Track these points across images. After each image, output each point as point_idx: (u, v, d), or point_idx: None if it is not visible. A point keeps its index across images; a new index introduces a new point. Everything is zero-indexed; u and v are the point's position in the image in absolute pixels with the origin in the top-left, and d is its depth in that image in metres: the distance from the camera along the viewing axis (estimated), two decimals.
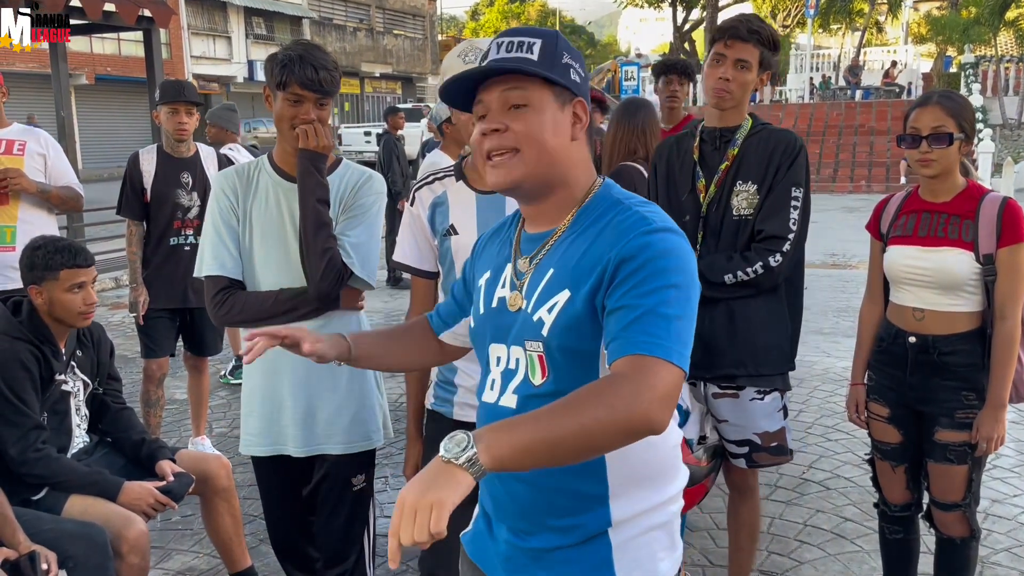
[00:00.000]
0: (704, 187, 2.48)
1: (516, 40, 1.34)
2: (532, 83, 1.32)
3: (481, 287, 1.48)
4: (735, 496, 2.74)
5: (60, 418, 2.63)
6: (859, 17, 31.89)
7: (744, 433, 2.50)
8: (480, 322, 1.46)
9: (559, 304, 1.31)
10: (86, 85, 25.85)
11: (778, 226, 2.38)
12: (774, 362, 2.47)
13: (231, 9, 31.45)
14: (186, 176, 4.04)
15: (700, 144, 2.53)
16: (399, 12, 40.90)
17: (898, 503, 2.63)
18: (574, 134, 1.37)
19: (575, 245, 1.34)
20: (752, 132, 2.47)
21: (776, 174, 2.40)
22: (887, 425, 2.57)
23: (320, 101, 2.17)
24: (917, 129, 2.37)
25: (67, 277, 2.53)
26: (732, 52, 2.39)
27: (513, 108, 1.32)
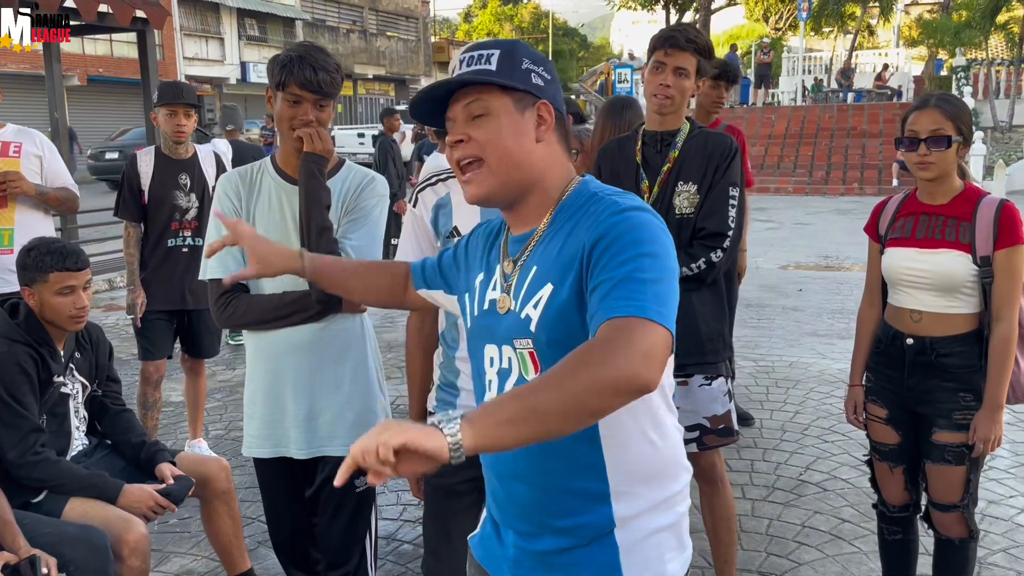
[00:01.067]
0: (648, 188, 2.62)
1: (476, 53, 1.40)
2: (490, 92, 1.36)
3: (476, 288, 1.50)
4: (706, 489, 2.80)
5: (59, 420, 2.62)
6: (851, 20, 32.03)
7: (695, 418, 2.63)
8: (474, 324, 1.48)
9: (543, 298, 1.33)
10: (78, 86, 25.76)
11: (718, 224, 2.52)
12: (718, 349, 2.63)
13: (224, 10, 31.39)
14: (184, 177, 4.04)
15: (642, 147, 2.66)
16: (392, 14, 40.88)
17: (897, 504, 2.65)
18: (539, 136, 1.39)
19: (554, 241, 1.37)
20: (691, 135, 2.62)
21: (715, 175, 2.55)
22: (885, 426, 2.58)
23: (320, 102, 2.17)
24: (915, 132, 2.39)
25: (56, 280, 2.51)
26: (671, 60, 2.54)
27: (475, 119, 1.37)
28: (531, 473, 1.36)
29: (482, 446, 1.08)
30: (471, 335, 1.50)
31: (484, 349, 1.45)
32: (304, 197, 2.19)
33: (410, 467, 1.07)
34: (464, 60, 1.40)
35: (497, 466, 1.43)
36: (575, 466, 1.34)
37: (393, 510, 3.74)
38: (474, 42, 1.46)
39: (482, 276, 1.49)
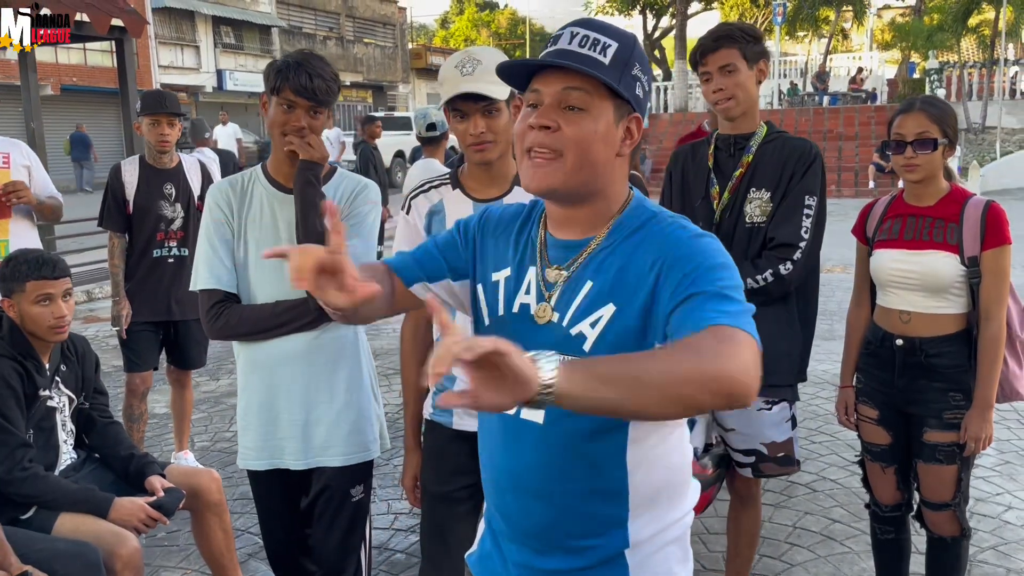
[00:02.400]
0: (718, 194, 2.49)
1: (593, 36, 1.26)
2: (596, 88, 1.25)
3: (499, 284, 1.40)
4: (736, 503, 2.75)
5: (46, 434, 2.58)
6: (825, 24, 32.38)
7: (751, 443, 2.51)
8: (497, 325, 1.38)
9: (604, 318, 1.27)
10: (51, 96, 25.46)
11: (789, 234, 2.37)
12: (783, 372, 2.46)
13: (199, 18, 31.17)
14: (169, 187, 4.00)
15: (715, 151, 2.53)
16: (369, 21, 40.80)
17: (889, 504, 2.67)
18: (621, 150, 1.31)
19: (613, 258, 1.30)
20: (767, 139, 2.47)
21: (790, 182, 2.40)
22: (876, 427, 2.60)
23: (313, 109, 2.15)
24: (902, 135, 2.41)
25: (33, 289, 2.48)
26: (711, 64, 2.41)
27: (568, 109, 1.25)
28: (553, 493, 1.33)
29: (573, 394, 0.99)
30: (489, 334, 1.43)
31: None
32: (300, 204, 2.17)
33: (490, 396, 0.95)
34: (578, 36, 1.27)
35: (515, 480, 1.37)
36: (599, 491, 1.31)
37: (385, 519, 3.72)
38: (591, 19, 1.34)
39: (508, 273, 1.40)
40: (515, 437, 1.35)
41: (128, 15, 7.12)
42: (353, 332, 2.34)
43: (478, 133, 1.98)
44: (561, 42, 1.27)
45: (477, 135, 1.98)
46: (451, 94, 1.96)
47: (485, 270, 1.44)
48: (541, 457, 1.32)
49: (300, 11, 36.66)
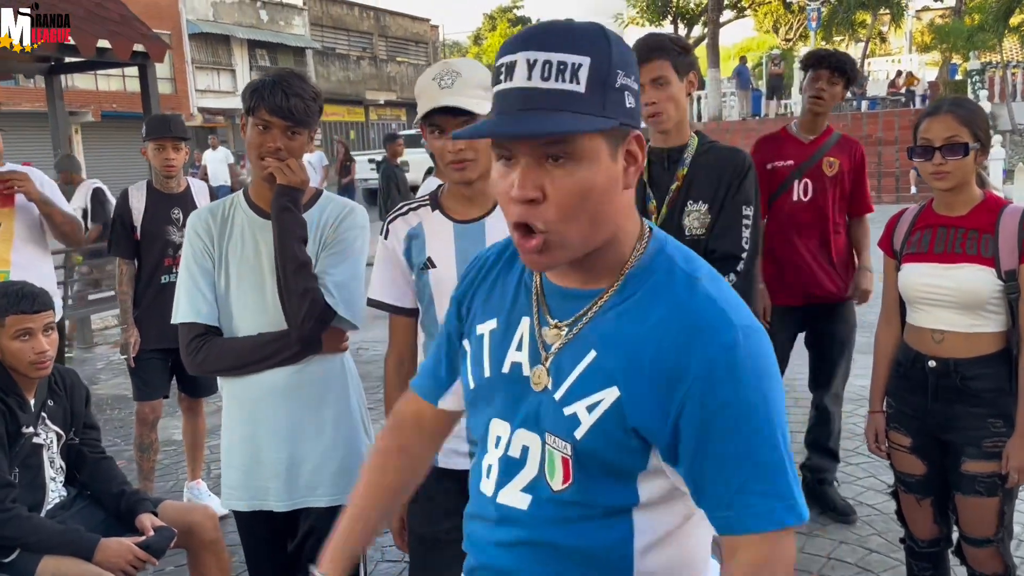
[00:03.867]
0: (655, 208, 2.48)
1: (556, 60, 0.98)
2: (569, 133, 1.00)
3: (484, 338, 1.18)
4: None
5: (33, 473, 2.49)
6: (862, 28, 31.84)
7: None
8: (484, 387, 1.18)
9: (604, 404, 1.04)
10: (92, 122, 26.01)
11: (731, 245, 2.39)
12: None
13: (234, 42, 31.68)
14: (176, 212, 3.93)
15: (649, 165, 2.51)
16: (402, 40, 41.14)
17: (926, 539, 2.46)
18: (627, 181, 1.05)
19: (624, 321, 1.05)
20: (700, 151, 2.47)
21: (727, 193, 2.40)
22: (910, 455, 2.40)
23: (290, 130, 2.04)
24: (929, 140, 2.23)
25: (12, 323, 2.40)
26: (643, 76, 2.37)
27: (553, 159, 1.00)
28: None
29: None
30: (473, 402, 1.21)
31: (491, 423, 1.16)
32: (277, 232, 2.06)
33: None
34: (537, 67, 0.99)
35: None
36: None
37: (374, 555, 3.58)
38: (550, 27, 1.02)
39: (494, 324, 1.18)
40: (492, 521, 1.17)
41: (150, 40, 7.14)
42: (340, 364, 2.22)
43: (457, 150, 1.84)
44: (517, 76, 1.00)
45: (456, 152, 1.84)
46: (428, 108, 1.83)
47: (472, 324, 1.23)
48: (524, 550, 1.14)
49: (334, 32, 37.12)
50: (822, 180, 3.46)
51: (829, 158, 3.49)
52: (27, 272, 3.53)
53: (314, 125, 2.11)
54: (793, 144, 3.53)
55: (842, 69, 3.42)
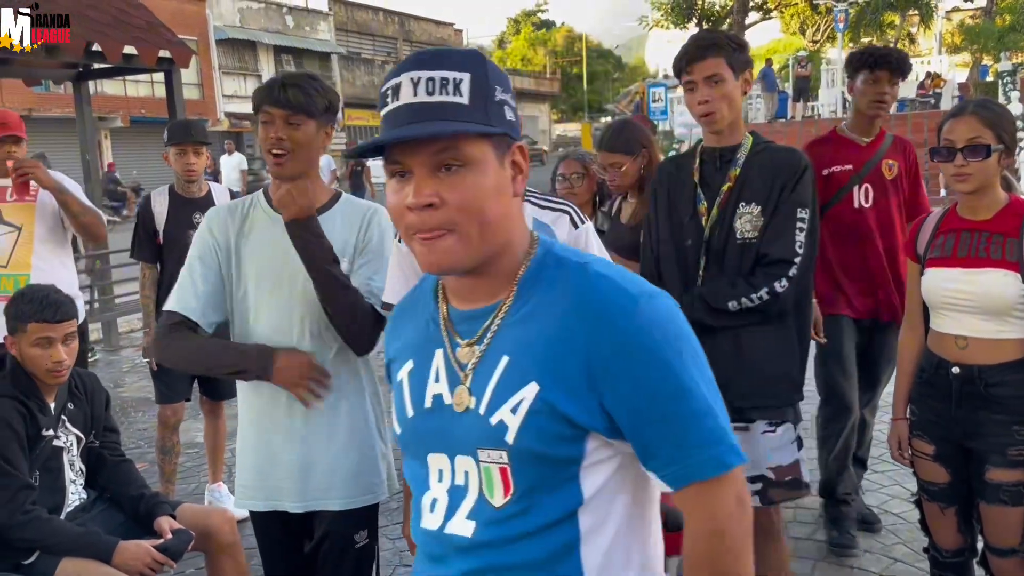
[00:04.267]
0: (706, 210, 2.39)
1: (439, 76, 1.05)
2: (468, 137, 1.05)
3: (403, 382, 1.20)
4: (759, 540, 2.53)
5: (53, 475, 2.52)
6: (891, 29, 31.51)
7: (757, 469, 2.36)
8: (411, 428, 1.18)
9: (526, 401, 1.06)
10: (121, 127, 26.38)
11: (783, 249, 2.29)
12: (784, 392, 2.37)
13: (260, 48, 32.00)
14: (198, 216, 3.94)
15: (700, 165, 2.43)
16: (426, 44, 41.35)
17: (950, 548, 2.41)
18: (515, 189, 1.11)
19: (530, 322, 1.09)
20: (754, 151, 2.37)
21: (781, 194, 2.30)
22: (933, 463, 2.36)
23: (290, 119, 2.02)
24: (951, 141, 2.19)
25: (34, 331, 2.42)
26: (697, 73, 2.32)
27: (446, 169, 1.04)
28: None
29: None
30: (406, 446, 1.20)
31: (428, 459, 1.16)
32: (307, 263, 2.02)
33: None
34: (420, 83, 1.05)
35: None
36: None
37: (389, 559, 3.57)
38: (427, 51, 1.09)
39: (411, 366, 1.19)
40: (439, 554, 1.16)
41: (175, 46, 7.23)
42: (355, 367, 2.21)
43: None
44: (403, 94, 1.06)
45: None
46: None
47: (393, 371, 1.25)
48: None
49: (359, 37, 37.39)
50: (883, 184, 3.23)
51: (888, 160, 3.27)
52: (48, 276, 3.55)
53: (320, 116, 2.06)
54: (849, 147, 3.27)
55: (902, 69, 3.22)
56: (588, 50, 55.32)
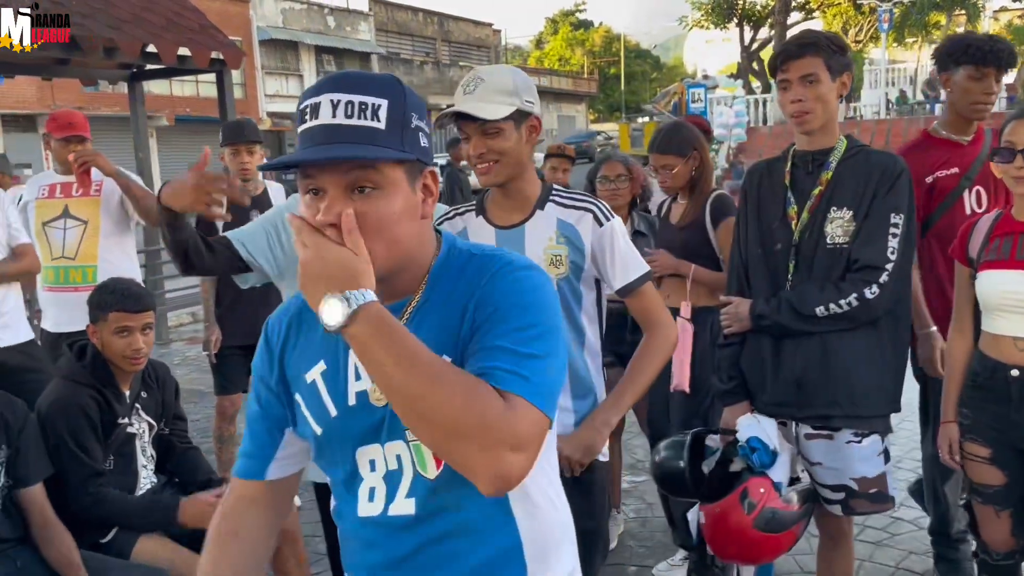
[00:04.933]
0: (796, 214, 2.35)
1: (358, 101, 1.10)
2: (385, 162, 1.11)
3: (317, 384, 1.23)
4: (827, 542, 2.56)
5: (126, 461, 2.63)
6: (936, 29, 31.00)
7: (840, 478, 2.34)
8: (335, 426, 1.21)
9: None
10: (166, 126, 26.88)
11: (874, 255, 2.22)
12: (873, 402, 2.32)
13: (302, 48, 32.39)
14: (255, 214, 4.06)
15: (792, 168, 2.39)
16: (464, 44, 41.53)
17: (1001, 551, 2.43)
18: (424, 211, 1.18)
19: (437, 309, 1.19)
20: (848, 155, 2.32)
21: (873, 200, 2.24)
22: (989, 466, 2.37)
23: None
24: (1012, 143, 2.22)
25: (115, 320, 2.54)
26: (793, 72, 2.28)
27: (359, 191, 1.10)
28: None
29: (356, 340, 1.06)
30: (327, 443, 1.24)
31: (356, 454, 1.21)
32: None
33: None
34: (341, 106, 1.10)
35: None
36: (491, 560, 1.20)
37: None
38: (349, 74, 1.14)
39: (323, 366, 1.23)
40: (381, 540, 1.22)
41: (227, 48, 7.39)
42: None
43: (478, 154, 1.92)
44: (322, 114, 1.10)
45: (477, 156, 1.92)
46: (444, 111, 1.95)
47: (297, 375, 1.26)
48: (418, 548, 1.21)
49: (398, 37, 37.67)
50: (996, 185, 2.81)
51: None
52: (113, 267, 3.72)
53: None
54: (950, 148, 2.90)
55: (1011, 64, 2.85)
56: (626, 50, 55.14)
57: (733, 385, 2.46)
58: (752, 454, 2.28)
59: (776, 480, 2.28)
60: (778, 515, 2.26)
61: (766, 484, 2.26)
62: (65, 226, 3.88)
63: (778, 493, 2.27)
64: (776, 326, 2.32)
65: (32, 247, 3.59)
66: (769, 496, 2.25)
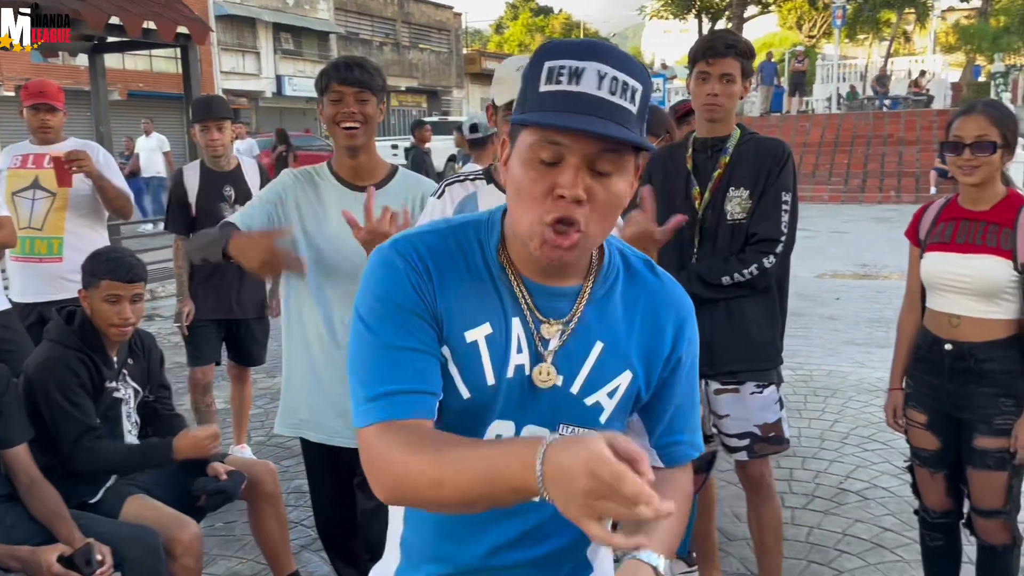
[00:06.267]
0: (699, 194, 2.62)
1: (622, 79, 1.05)
2: (627, 146, 1.06)
3: (478, 344, 1.14)
4: (753, 498, 2.80)
5: (112, 425, 2.70)
6: (886, 27, 31.74)
7: (745, 426, 2.63)
8: (486, 396, 1.15)
9: (622, 388, 1.17)
10: (119, 101, 26.28)
11: (770, 229, 2.53)
12: (770, 357, 2.65)
13: (260, 25, 31.88)
14: (228, 189, 4.11)
15: (693, 154, 2.67)
16: (424, 26, 41.25)
17: (938, 510, 2.64)
18: (632, 196, 1.14)
19: (614, 309, 1.18)
20: (742, 141, 2.62)
21: (767, 180, 2.55)
22: (925, 432, 2.58)
23: (359, 96, 2.26)
24: (960, 137, 2.40)
25: (106, 287, 2.59)
26: (715, 69, 2.53)
27: (599, 174, 1.06)
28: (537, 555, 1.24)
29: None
30: (471, 408, 1.15)
31: (490, 426, 1.16)
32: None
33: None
34: (607, 80, 1.05)
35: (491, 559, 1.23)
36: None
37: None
38: (611, 48, 1.08)
39: (489, 330, 1.14)
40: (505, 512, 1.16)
41: (193, 22, 7.36)
42: None
43: None
44: (586, 82, 1.04)
45: None
46: (511, 96, 2.03)
47: (455, 330, 1.14)
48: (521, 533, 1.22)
49: (358, 17, 37.23)
50: None
51: None
52: (80, 240, 3.74)
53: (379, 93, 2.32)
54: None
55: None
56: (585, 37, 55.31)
57: None
58: None
59: None
60: None
61: None
62: (34, 197, 3.89)
63: None
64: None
65: (10, 220, 3.60)
66: None
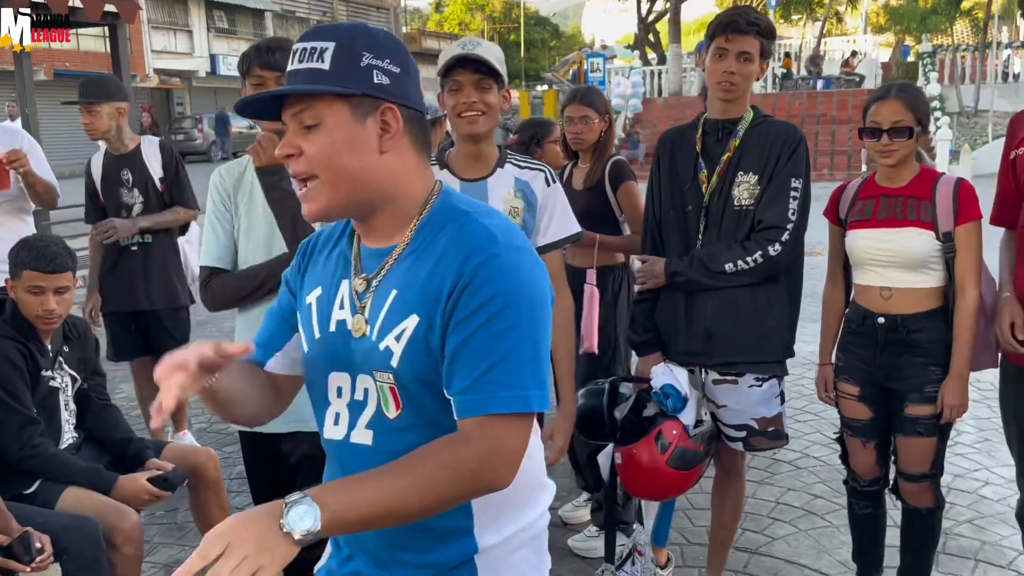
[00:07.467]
0: (706, 178, 2.54)
1: (309, 46, 1.22)
2: (322, 99, 1.19)
3: (311, 306, 1.33)
4: (722, 477, 2.84)
5: (49, 414, 2.65)
6: (819, 7, 32.33)
7: (742, 418, 2.59)
8: (316, 348, 1.32)
9: (408, 331, 1.21)
10: (44, 81, 25.34)
11: (777, 216, 2.44)
12: (773, 349, 2.55)
13: (192, 3, 31.02)
14: (126, 173, 3.89)
15: (702, 136, 2.58)
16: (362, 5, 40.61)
17: (867, 478, 2.75)
18: (383, 146, 1.22)
19: (419, 263, 1.23)
20: (754, 124, 2.52)
21: (776, 165, 2.46)
22: (857, 403, 2.67)
23: (281, 81, 2.20)
24: (878, 123, 2.49)
25: (28, 278, 2.52)
26: (734, 45, 2.42)
27: (306, 128, 1.21)
28: None
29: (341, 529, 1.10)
30: (311, 361, 1.34)
31: (329, 377, 1.31)
32: (275, 209, 2.21)
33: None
34: (297, 53, 1.23)
35: None
36: None
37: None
38: (313, 28, 1.26)
39: (319, 292, 1.33)
40: (347, 461, 1.30)
41: (121, 1, 7.11)
42: None
43: (470, 102, 2.08)
44: (292, 62, 1.24)
45: (469, 104, 2.09)
46: (448, 57, 2.07)
47: (301, 296, 1.38)
48: None
49: None
50: None
51: None
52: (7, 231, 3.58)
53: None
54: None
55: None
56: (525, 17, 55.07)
57: (648, 337, 2.67)
58: (666, 400, 2.50)
59: (686, 423, 2.52)
60: (688, 454, 2.49)
61: (678, 427, 2.49)
62: None
63: (687, 435, 2.50)
64: (689, 282, 2.53)
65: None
66: (681, 437, 2.48)
